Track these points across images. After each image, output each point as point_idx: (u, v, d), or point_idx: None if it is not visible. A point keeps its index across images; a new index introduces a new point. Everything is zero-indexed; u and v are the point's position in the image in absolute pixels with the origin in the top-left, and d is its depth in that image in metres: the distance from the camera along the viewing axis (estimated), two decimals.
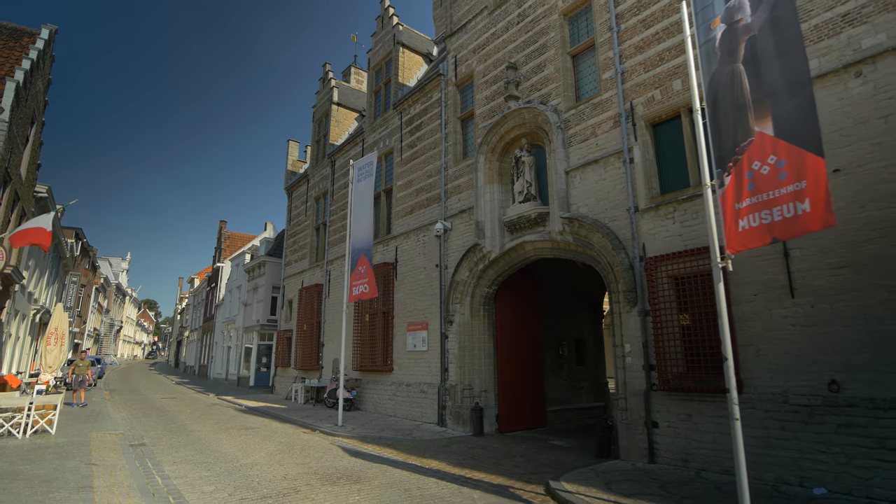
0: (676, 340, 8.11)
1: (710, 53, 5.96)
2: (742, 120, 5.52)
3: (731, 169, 5.52)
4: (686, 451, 7.74)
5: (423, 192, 14.73)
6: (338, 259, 18.70)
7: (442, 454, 9.38)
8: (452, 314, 12.78)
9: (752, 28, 5.53)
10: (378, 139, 17.44)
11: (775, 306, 7.10)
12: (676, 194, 8.51)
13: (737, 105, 5.58)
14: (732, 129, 5.57)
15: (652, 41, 9.25)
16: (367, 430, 11.80)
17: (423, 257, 14.30)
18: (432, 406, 12.95)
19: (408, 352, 14.25)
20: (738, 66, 5.64)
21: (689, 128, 8.59)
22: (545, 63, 11.43)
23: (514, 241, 11.60)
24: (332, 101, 21.33)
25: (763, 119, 5.31)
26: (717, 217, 6.74)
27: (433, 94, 15.00)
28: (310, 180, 22.27)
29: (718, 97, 5.78)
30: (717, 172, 5.67)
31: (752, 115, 5.43)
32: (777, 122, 5.19)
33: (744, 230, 5.31)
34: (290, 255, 23.19)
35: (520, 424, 12.43)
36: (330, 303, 18.80)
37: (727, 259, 5.50)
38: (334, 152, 20.20)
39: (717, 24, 5.90)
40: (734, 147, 5.52)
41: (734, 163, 5.49)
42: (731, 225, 5.44)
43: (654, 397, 8.28)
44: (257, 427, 12.68)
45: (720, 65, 5.81)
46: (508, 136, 12.11)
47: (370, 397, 15.40)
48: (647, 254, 8.74)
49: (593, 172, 9.94)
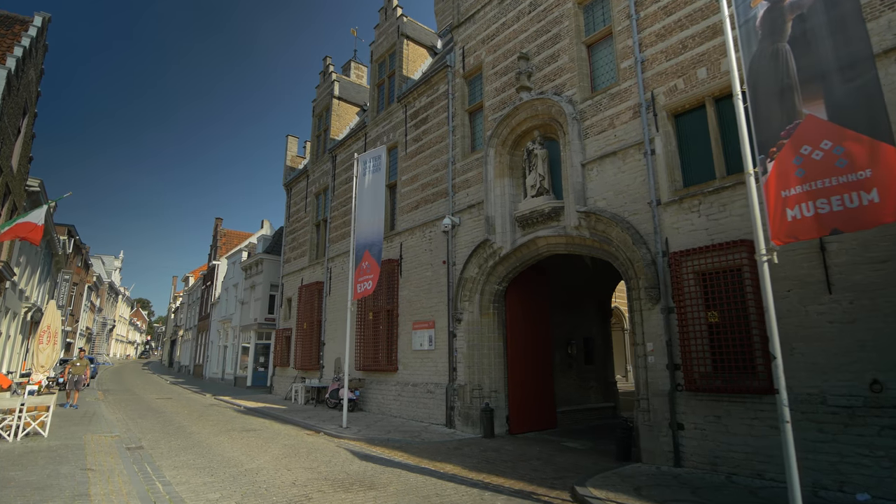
0: (703, 339, 7.77)
1: (750, 34, 5.63)
2: (787, 102, 5.18)
3: (774, 154, 5.17)
4: (714, 454, 7.40)
5: (430, 186, 14.34)
6: (339, 256, 18.28)
7: (455, 457, 9.01)
8: (461, 312, 12.40)
9: (800, 5, 5.19)
10: (381, 133, 17.03)
11: (811, 303, 6.78)
12: (702, 186, 8.18)
13: (781, 87, 5.24)
14: (777, 111, 5.23)
15: (674, 28, 8.91)
16: (374, 432, 11.40)
17: (429, 254, 13.91)
18: (440, 407, 12.57)
19: (413, 351, 13.86)
20: (783, 46, 5.30)
21: (715, 117, 8.26)
22: (559, 53, 11.07)
23: (526, 236, 11.24)
24: (333, 95, 20.89)
25: (813, 101, 4.97)
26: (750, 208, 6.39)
27: (440, 87, 14.61)
28: (310, 176, 21.82)
29: (759, 79, 5.44)
30: (760, 159, 5.33)
31: (800, 96, 5.09)
32: (831, 105, 4.84)
33: (794, 220, 4.96)
34: (288, 252, 22.73)
35: (530, 426, 12.08)
36: (331, 301, 18.37)
37: (772, 251, 5.16)
38: (335, 147, 19.77)
39: (759, 2, 5.56)
40: (779, 130, 5.17)
41: (778, 147, 5.14)
42: (777, 215, 5.09)
43: (679, 398, 7.94)
44: (259, 429, 12.25)
45: (761, 45, 5.48)
46: (520, 128, 11.74)
47: (374, 398, 15.00)
48: (671, 248, 8.40)
49: (611, 165, 9.60)
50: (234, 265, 31.61)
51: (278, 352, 21.55)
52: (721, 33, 8.22)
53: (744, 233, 7.54)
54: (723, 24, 5.92)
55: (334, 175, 19.72)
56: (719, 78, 8.16)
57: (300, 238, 21.83)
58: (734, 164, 8.00)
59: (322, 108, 21.69)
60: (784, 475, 6.68)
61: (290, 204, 23.37)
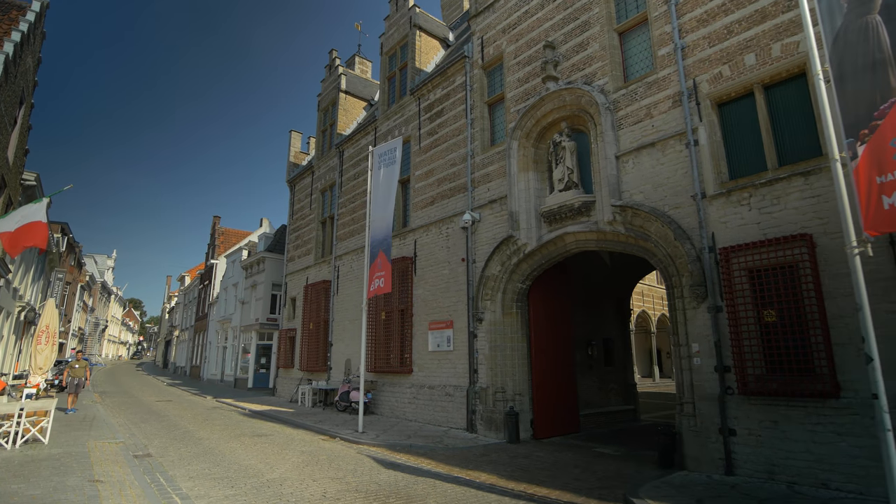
0: (757, 339, 7.32)
1: (832, 7, 5.17)
2: (880, 79, 4.73)
3: (866, 137, 4.72)
4: (771, 461, 6.95)
5: (446, 181, 13.84)
6: (347, 254, 17.72)
7: (486, 465, 8.50)
8: (482, 311, 11.90)
9: None
10: (393, 127, 16.50)
11: (880, 300, 6.33)
12: (752, 178, 7.73)
13: (873, 62, 4.80)
14: (867, 90, 4.78)
15: (717, 13, 8.47)
16: (393, 437, 10.87)
17: (446, 251, 13.40)
18: (460, 410, 12.06)
19: (430, 352, 13.34)
20: (874, 18, 4.86)
21: (765, 106, 7.82)
22: (588, 41, 10.61)
23: (553, 232, 10.76)
24: (340, 89, 20.32)
25: None
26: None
27: (456, 78, 14.11)
28: (315, 172, 21.24)
29: (846, 56, 4.99)
30: (848, 143, 4.88)
31: (894, 72, 4.65)
32: None
33: (892, 208, 4.51)
34: (292, 250, 22.13)
35: (555, 430, 11.59)
36: (339, 300, 17.81)
37: (865, 243, 4.71)
38: (343, 142, 19.21)
39: None
40: (871, 111, 4.72)
41: (871, 130, 4.70)
42: (872, 203, 4.64)
43: (730, 402, 7.48)
44: (270, 433, 11.68)
45: (847, 18, 5.03)
46: (545, 119, 11.26)
47: (386, 400, 14.46)
48: (718, 244, 7.95)
49: (649, 157, 9.14)
50: (234, 264, 30.92)
51: (282, 353, 20.94)
52: (770, 17, 7.79)
53: (800, 227, 7.11)
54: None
55: (341, 171, 19.16)
56: (770, 64, 7.72)
57: (305, 236, 21.23)
58: (787, 156, 7.57)
59: (328, 103, 21.12)
60: (851, 485, 6.29)
61: (294, 201, 22.77)
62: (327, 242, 19.77)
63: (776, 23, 7.72)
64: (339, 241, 18.40)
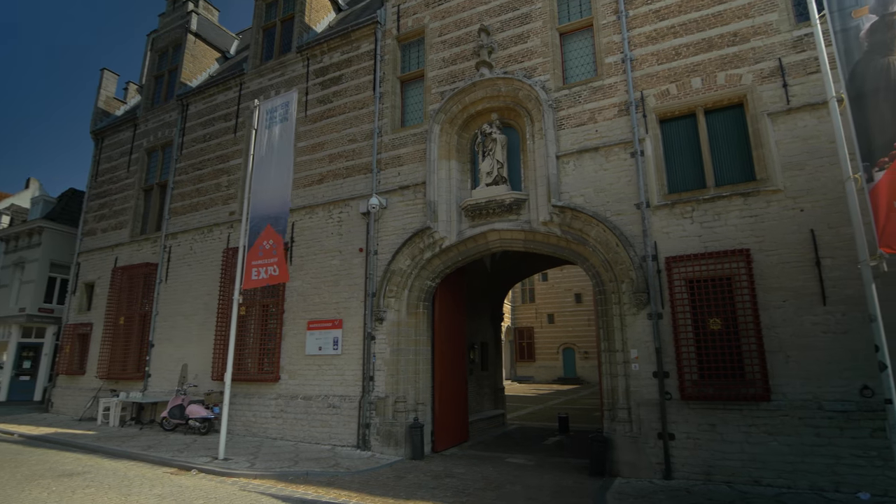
0: (696, 346, 7.66)
1: (851, 42, 5.55)
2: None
3: (885, 165, 5.13)
4: (709, 463, 7.27)
5: (342, 158, 11.98)
6: (187, 233, 14.16)
7: (419, 492, 7.21)
8: (384, 310, 10.46)
9: None
10: (268, 86, 13.81)
11: (806, 313, 7.14)
12: (695, 193, 8.17)
13: (894, 100, 5.25)
14: (888, 124, 5.20)
15: (667, 34, 8.87)
16: (274, 464, 8.67)
17: (338, 238, 11.53)
18: (348, 424, 10.33)
19: (307, 356, 11.26)
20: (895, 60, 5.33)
21: (706, 128, 8.38)
22: (529, 34, 10.24)
23: (476, 228, 10.01)
24: (189, 30, 16.38)
25: None
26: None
27: (362, 45, 12.41)
28: (140, 125, 16.66)
29: (866, 91, 5.37)
30: (865, 166, 5.25)
31: None
32: None
33: None
34: (94, 222, 16.93)
35: (450, 440, 10.76)
36: (168, 289, 14.08)
37: (881, 258, 5.05)
38: (188, 94, 15.44)
39: (863, 14, 5.53)
40: (891, 143, 5.14)
41: (891, 158, 5.11)
42: (888, 223, 5.01)
43: (669, 407, 7.67)
44: (82, 471, 8.24)
45: (867, 56, 5.43)
46: (475, 107, 10.51)
47: (241, 415, 11.74)
48: (661, 253, 8.19)
49: (592, 161, 9.08)
50: None
51: (66, 355, 15.70)
52: (716, 47, 8.42)
53: (738, 242, 7.69)
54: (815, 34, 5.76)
55: (184, 129, 15.36)
56: (715, 90, 8.31)
57: (116, 205, 16.44)
58: (724, 177, 8.20)
59: (168, 43, 16.84)
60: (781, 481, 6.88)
61: (102, 159, 17.52)
62: (153, 216, 15.60)
63: (721, 54, 8.35)
64: (175, 216, 14.63)
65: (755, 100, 7.95)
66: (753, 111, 7.94)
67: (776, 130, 7.75)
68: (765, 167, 7.72)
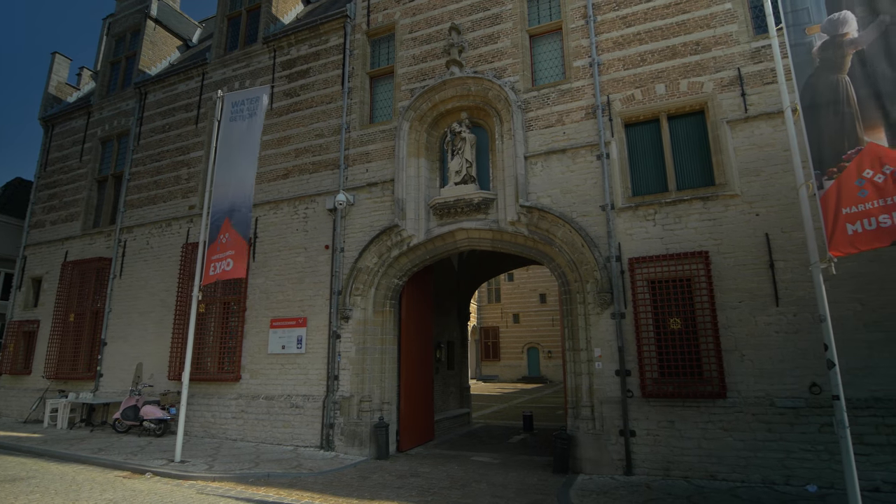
0: (658, 345, 7.86)
1: (804, 56, 5.79)
2: (848, 129, 5.44)
3: (834, 175, 5.37)
4: (668, 459, 7.47)
5: (308, 153, 11.74)
6: (143, 226, 13.59)
7: (383, 492, 7.13)
8: (350, 308, 10.31)
9: (859, 42, 5.52)
10: (231, 77, 13.39)
11: (760, 314, 7.43)
12: (658, 196, 8.38)
13: (842, 114, 5.49)
14: (837, 136, 5.45)
15: (633, 40, 9.06)
16: (233, 466, 8.41)
17: (303, 235, 11.30)
18: (311, 425, 10.13)
19: (270, 355, 10.98)
20: (844, 77, 5.57)
21: (668, 133, 8.61)
22: (499, 35, 10.28)
23: (445, 227, 10.00)
24: (149, 15, 15.71)
25: (873, 130, 5.31)
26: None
27: (331, 38, 12.19)
28: (94, 113, 15.88)
29: (818, 103, 5.61)
30: (816, 174, 5.48)
31: (861, 125, 5.40)
32: (891, 135, 5.24)
33: (855, 234, 5.15)
34: (42, 213, 16.04)
35: (416, 440, 10.72)
36: (123, 285, 13.47)
37: (830, 261, 5.29)
38: (147, 82, 14.81)
39: (815, 32, 5.77)
40: (840, 154, 5.39)
41: (839, 169, 5.36)
42: (838, 229, 5.25)
43: (631, 404, 7.84)
44: (27, 475, 7.77)
45: (819, 72, 5.67)
46: (444, 105, 10.48)
47: (199, 416, 11.35)
48: (624, 254, 8.36)
49: (559, 162, 9.20)
50: None
51: (11, 353, 14.81)
52: (679, 55, 8.66)
53: (698, 245, 7.94)
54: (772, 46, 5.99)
55: (142, 118, 14.73)
56: (677, 97, 8.55)
57: (67, 195, 15.62)
58: (685, 181, 8.44)
59: (126, 28, 16.10)
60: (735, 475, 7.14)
61: (52, 147, 16.60)
62: (107, 208, 14.90)
63: (685, 62, 8.60)
64: (131, 209, 14.02)
65: (715, 107, 8.23)
66: (714, 118, 8.21)
67: (734, 137, 8.03)
68: (723, 172, 7.99)
